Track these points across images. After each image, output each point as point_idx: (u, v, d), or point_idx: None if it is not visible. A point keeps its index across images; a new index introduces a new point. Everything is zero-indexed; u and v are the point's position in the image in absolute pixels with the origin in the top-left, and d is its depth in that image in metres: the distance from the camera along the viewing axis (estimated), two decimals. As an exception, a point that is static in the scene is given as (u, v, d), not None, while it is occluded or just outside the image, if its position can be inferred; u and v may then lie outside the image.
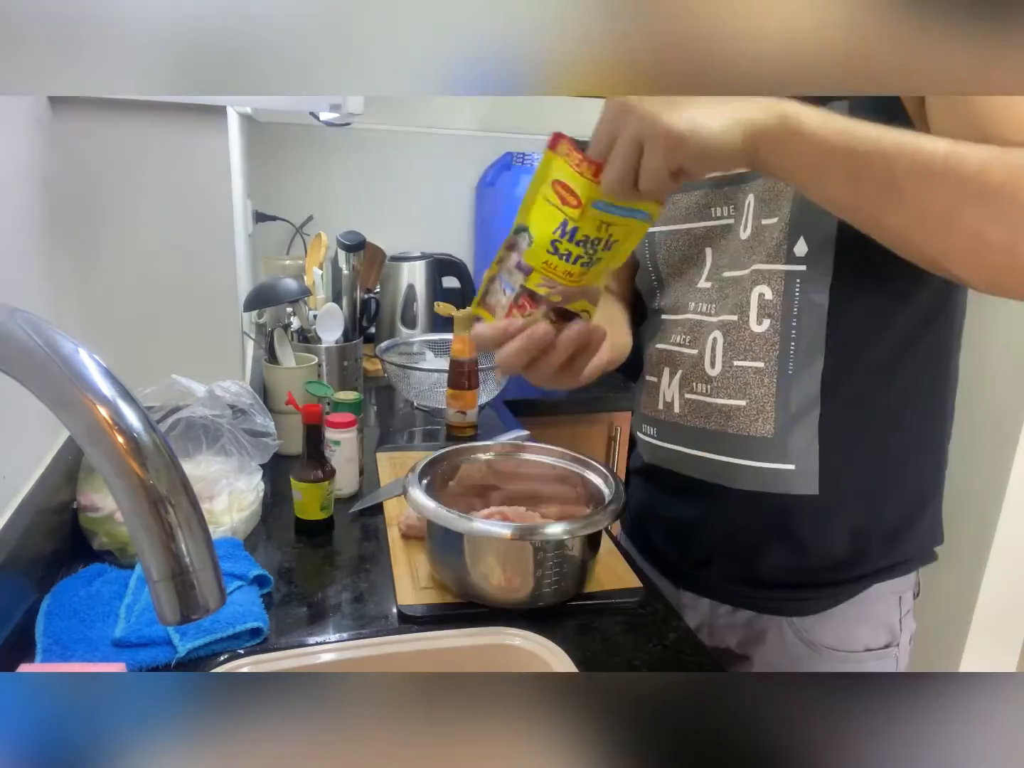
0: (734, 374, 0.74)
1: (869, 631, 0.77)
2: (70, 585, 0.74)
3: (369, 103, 1.53)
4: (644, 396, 0.86)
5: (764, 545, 0.77)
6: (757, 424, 0.73)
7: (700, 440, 0.77)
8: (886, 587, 0.76)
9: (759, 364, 0.72)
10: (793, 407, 0.71)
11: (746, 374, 0.73)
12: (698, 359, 0.77)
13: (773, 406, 0.72)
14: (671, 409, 0.80)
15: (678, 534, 0.85)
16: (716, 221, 0.75)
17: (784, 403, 0.71)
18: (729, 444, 0.75)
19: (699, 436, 0.77)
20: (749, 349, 0.73)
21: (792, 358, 0.71)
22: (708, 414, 0.76)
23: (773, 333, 0.71)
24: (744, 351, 0.73)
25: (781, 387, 0.71)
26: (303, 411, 0.90)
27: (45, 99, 0.93)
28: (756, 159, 0.52)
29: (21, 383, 0.36)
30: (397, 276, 1.81)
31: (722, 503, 0.77)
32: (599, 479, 0.84)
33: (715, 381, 0.75)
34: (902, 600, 0.78)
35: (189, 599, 0.36)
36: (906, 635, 0.80)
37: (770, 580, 0.78)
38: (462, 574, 0.76)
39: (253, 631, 0.70)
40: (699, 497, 0.79)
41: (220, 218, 1.07)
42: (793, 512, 0.74)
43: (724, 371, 0.74)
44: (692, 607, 0.85)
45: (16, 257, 0.79)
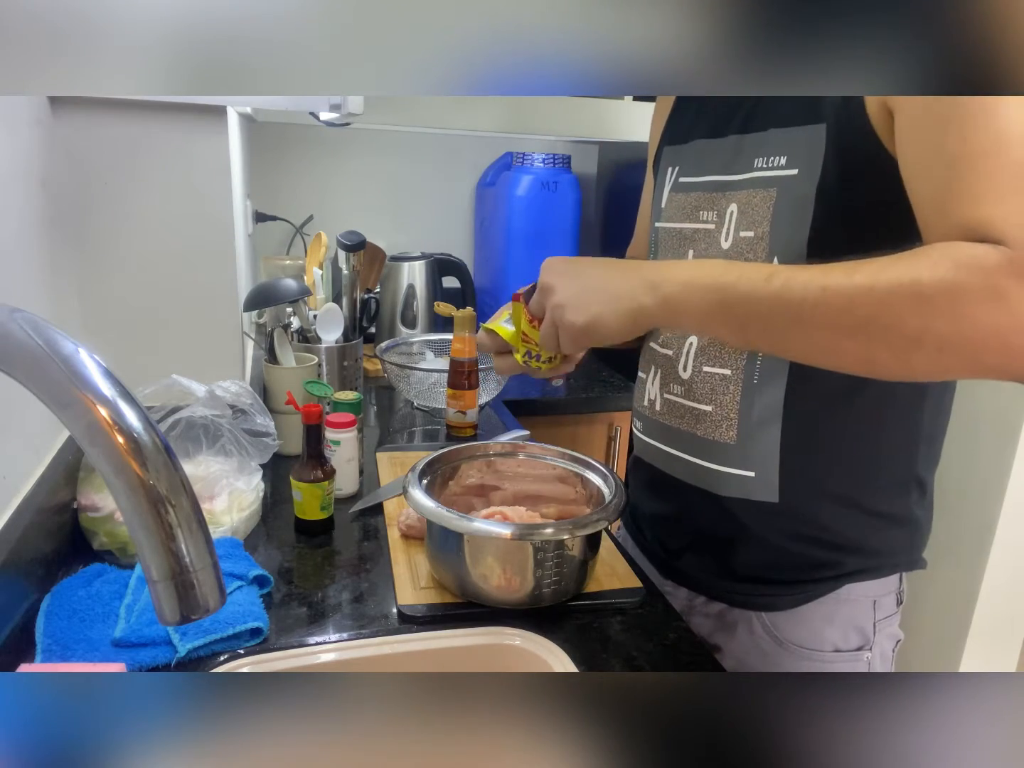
0: (703, 379, 0.76)
1: (838, 632, 0.77)
2: (70, 585, 0.74)
3: (369, 103, 1.53)
4: (636, 391, 0.89)
5: (732, 543, 0.79)
6: (721, 429, 0.75)
7: (674, 439, 0.81)
8: (858, 589, 0.77)
9: (726, 371, 0.74)
10: (755, 416, 0.73)
11: (713, 380, 0.75)
12: (674, 361, 0.79)
13: (737, 413, 0.74)
14: (654, 406, 0.83)
15: (659, 525, 0.89)
16: (701, 224, 0.77)
17: (747, 412, 0.73)
18: (697, 446, 0.78)
19: (674, 435, 0.81)
20: (718, 356, 0.75)
21: (758, 369, 0.72)
22: (682, 415, 0.79)
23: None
24: (714, 358, 0.75)
25: (745, 395, 0.73)
26: (303, 411, 0.90)
27: (45, 99, 0.93)
28: (649, 329, 0.66)
29: (21, 383, 0.36)
30: (397, 276, 1.81)
31: (693, 500, 0.80)
32: (599, 479, 0.84)
33: (686, 384, 0.78)
34: (877, 604, 0.78)
35: (189, 599, 0.36)
36: (887, 643, 0.79)
37: (740, 574, 0.80)
38: (462, 574, 0.76)
39: (253, 631, 0.70)
40: (674, 492, 0.82)
41: (220, 218, 1.07)
42: (754, 516, 0.75)
43: (694, 375, 0.77)
44: (672, 595, 0.87)
45: (16, 257, 0.79)
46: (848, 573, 0.76)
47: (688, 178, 0.80)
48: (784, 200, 0.67)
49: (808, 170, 0.65)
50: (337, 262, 1.41)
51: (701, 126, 0.79)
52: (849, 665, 0.78)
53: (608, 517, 0.75)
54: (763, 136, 0.70)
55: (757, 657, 0.80)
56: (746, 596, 0.80)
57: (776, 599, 0.78)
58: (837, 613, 0.77)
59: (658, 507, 0.87)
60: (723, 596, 0.82)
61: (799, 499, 0.74)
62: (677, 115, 0.86)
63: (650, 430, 0.85)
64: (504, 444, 0.93)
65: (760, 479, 0.74)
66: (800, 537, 0.75)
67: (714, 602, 0.83)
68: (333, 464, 0.95)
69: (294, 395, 1.06)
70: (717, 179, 0.75)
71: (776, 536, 0.76)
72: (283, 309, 1.21)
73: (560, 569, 0.74)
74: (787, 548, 0.76)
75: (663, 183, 0.84)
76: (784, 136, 0.68)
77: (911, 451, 0.75)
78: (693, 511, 0.81)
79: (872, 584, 0.77)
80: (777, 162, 0.68)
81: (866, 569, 0.76)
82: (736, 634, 0.81)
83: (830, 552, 0.75)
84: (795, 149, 0.67)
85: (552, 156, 1.93)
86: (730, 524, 0.77)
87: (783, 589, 0.78)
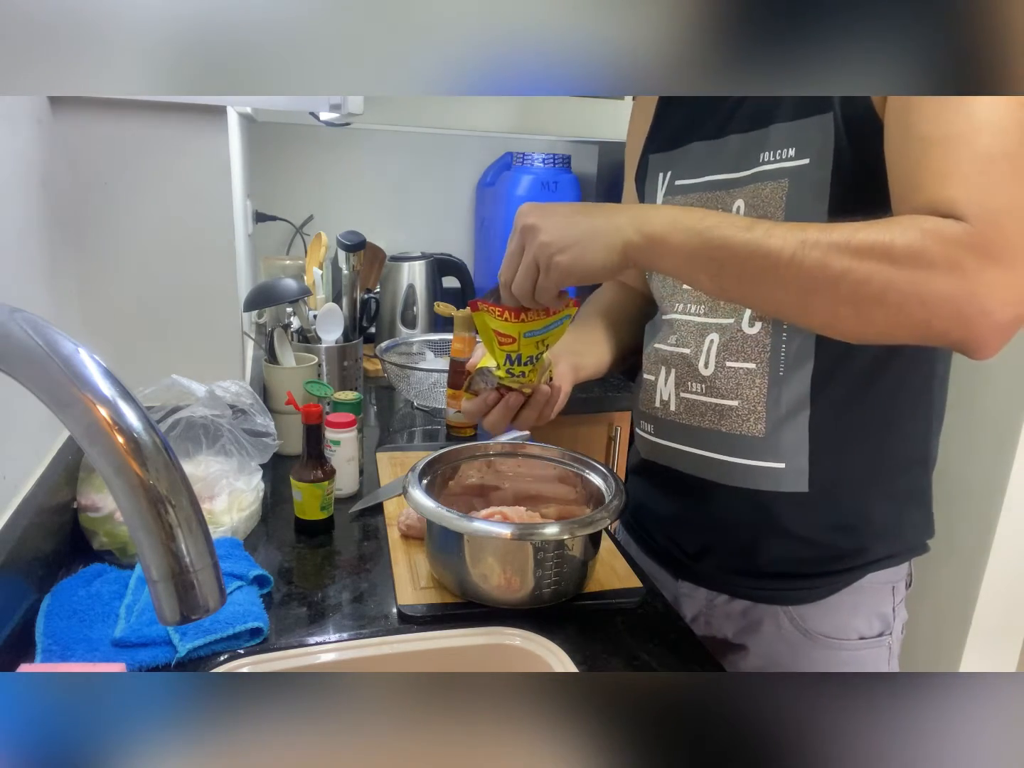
0: (727, 375, 0.76)
1: (863, 620, 0.79)
2: (70, 585, 0.74)
3: (369, 103, 1.53)
4: (642, 394, 0.88)
5: (758, 538, 0.79)
6: (748, 423, 0.75)
7: (695, 437, 0.80)
8: (880, 577, 0.78)
9: (751, 365, 0.74)
10: (783, 407, 0.73)
11: (738, 375, 0.75)
12: (692, 359, 0.79)
13: (764, 406, 0.74)
14: (668, 407, 0.82)
15: (675, 527, 0.87)
16: None
17: (774, 403, 0.74)
18: (722, 442, 0.77)
19: (694, 434, 0.79)
20: (741, 351, 0.75)
21: (783, 360, 0.73)
22: (703, 413, 0.78)
23: (765, 335, 0.73)
24: (737, 352, 0.75)
25: (772, 388, 0.74)
26: (303, 411, 0.90)
27: (45, 99, 0.93)
28: (633, 268, 0.65)
29: (21, 383, 0.36)
30: (397, 276, 1.81)
31: (716, 498, 0.79)
32: (599, 479, 0.84)
33: (708, 381, 0.77)
34: (895, 589, 0.80)
35: (189, 599, 0.36)
36: (898, 624, 0.81)
37: (765, 571, 0.80)
38: (462, 574, 0.76)
39: (253, 631, 0.70)
40: (695, 492, 0.81)
41: (220, 218, 1.07)
42: (784, 508, 0.76)
43: (717, 371, 0.77)
44: (689, 597, 0.86)
45: (16, 257, 0.79)
46: (872, 561, 0.77)
47: (685, 180, 0.81)
48: (797, 189, 0.69)
49: (820, 158, 0.67)
50: (337, 262, 1.41)
51: (694, 130, 0.80)
52: (873, 652, 0.80)
53: (608, 517, 0.75)
54: (765, 132, 0.71)
55: (784, 652, 0.80)
56: (773, 591, 0.80)
57: (803, 592, 0.79)
58: (862, 601, 0.78)
59: (673, 508, 0.86)
60: (748, 593, 0.82)
61: (828, 486, 0.74)
62: (660, 123, 0.88)
63: (664, 431, 0.83)
64: (504, 444, 0.93)
65: (790, 470, 0.74)
66: (828, 526, 0.76)
67: (737, 600, 0.83)
68: (333, 464, 0.95)
69: (294, 395, 1.06)
70: (718, 178, 0.76)
71: (805, 527, 0.76)
72: (283, 309, 1.21)
73: (560, 569, 0.74)
74: (815, 539, 0.77)
75: (653, 190, 0.86)
76: (790, 129, 0.69)
77: (926, 428, 0.77)
78: (716, 508, 0.80)
79: (891, 571, 0.79)
80: (786, 154, 0.69)
81: (888, 556, 0.78)
82: (762, 630, 0.81)
83: (857, 540, 0.77)
84: (804, 140, 0.68)
85: (552, 156, 1.93)
86: (757, 519, 0.77)
87: (810, 582, 0.78)
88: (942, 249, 0.53)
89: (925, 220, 0.55)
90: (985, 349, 0.55)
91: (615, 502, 0.77)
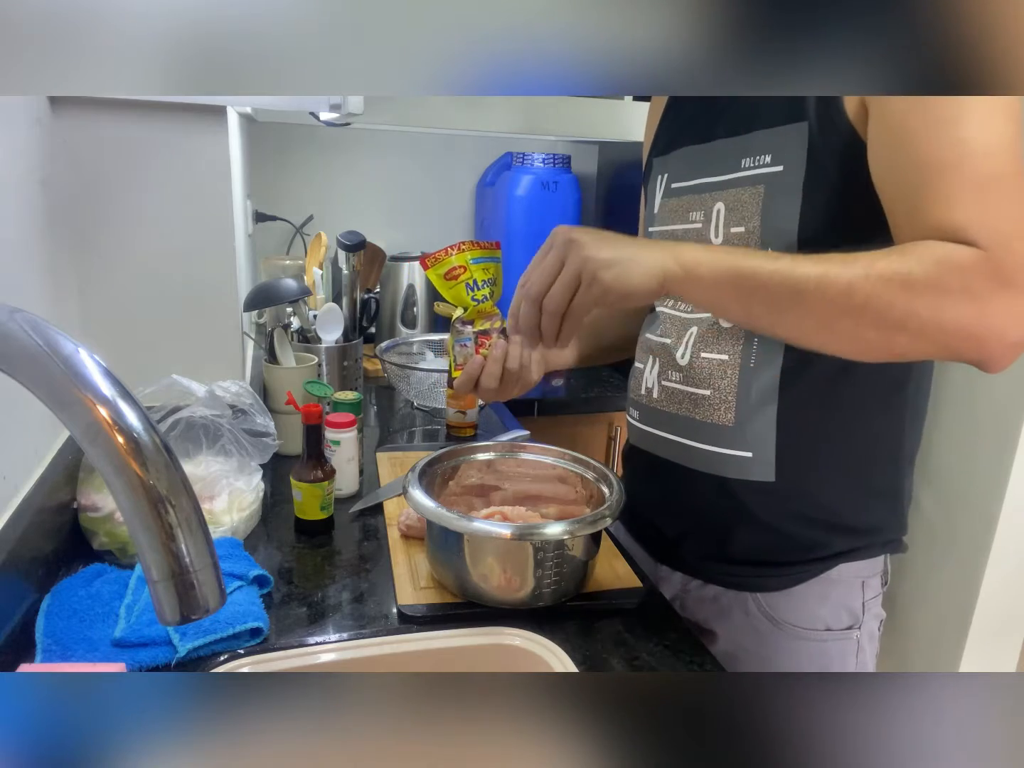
0: (701, 364, 0.79)
1: (831, 612, 0.80)
2: (70, 585, 0.74)
3: (369, 103, 1.53)
4: (632, 381, 0.91)
5: (728, 525, 0.81)
6: (719, 412, 0.78)
7: (672, 424, 0.83)
8: (849, 570, 0.80)
9: (724, 357, 0.77)
10: (753, 398, 0.76)
11: (711, 365, 0.78)
12: (672, 349, 0.82)
13: (735, 396, 0.77)
14: (651, 394, 0.86)
15: (655, 511, 0.90)
16: (691, 225, 0.81)
17: (744, 394, 0.76)
18: (695, 429, 0.80)
19: (671, 420, 0.83)
20: (716, 343, 0.78)
21: (754, 353, 0.76)
22: (680, 401, 0.81)
23: (739, 329, 0.76)
24: (712, 344, 0.78)
25: (743, 379, 0.76)
26: (303, 411, 0.90)
27: (45, 99, 0.93)
28: (665, 295, 0.67)
29: (21, 383, 0.36)
30: (397, 276, 1.81)
31: (692, 484, 0.82)
32: (599, 479, 0.84)
33: (685, 370, 0.81)
34: (866, 585, 0.81)
35: (189, 599, 0.36)
36: (873, 622, 0.83)
37: (736, 557, 0.82)
38: (462, 574, 0.76)
39: (253, 631, 0.70)
40: (672, 477, 0.84)
41: (220, 218, 1.07)
42: (753, 497, 0.78)
43: (692, 361, 0.80)
44: (667, 580, 0.89)
45: (16, 257, 0.79)
46: (840, 553, 0.79)
47: (678, 183, 0.84)
48: (772, 195, 0.72)
49: (793, 166, 0.70)
50: (337, 262, 1.41)
51: (687, 134, 0.83)
52: (840, 645, 0.81)
53: (609, 517, 0.75)
54: (749, 138, 0.74)
55: (752, 638, 0.82)
56: (742, 578, 0.82)
57: (771, 580, 0.81)
58: (829, 593, 0.80)
59: (655, 493, 0.89)
60: (719, 579, 0.84)
61: (795, 477, 0.77)
62: (662, 127, 0.91)
63: (647, 417, 0.87)
64: (504, 444, 0.93)
65: (758, 459, 0.76)
66: (795, 516, 0.78)
67: (709, 586, 0.85)
68: (333, 464, 0.95)
69: (294, 395, 1.06)
70: (705, 181, 0.79)
71: (772, 516, 0.78)
72: (283, 309, 1.21)
73: (560, 569, 0.74)
74: (783, 529, 0.79)
75: (654, 191, 0.89)
76: (768, 136, 0.72)
77: (899, 426, 0.78)
78: (691, 494, 0.83)
79: (861, 564, 0.80)
80: (763, 160, 0.72)
81: (857, 548, 0.80)
82: (731, 616, 0.83)
83: (824, 532, 0.79)
84: (779, 147, 0.71)
85: (552, 156, 1.93)
86: (728, 505, 0.79)
87: (778, 570, 0.80)
88: (958, 277, 0.56)
89: (937, 247, 0.58)
90: (998, 365, 0.59)
91: (615, 502, 0.77)
